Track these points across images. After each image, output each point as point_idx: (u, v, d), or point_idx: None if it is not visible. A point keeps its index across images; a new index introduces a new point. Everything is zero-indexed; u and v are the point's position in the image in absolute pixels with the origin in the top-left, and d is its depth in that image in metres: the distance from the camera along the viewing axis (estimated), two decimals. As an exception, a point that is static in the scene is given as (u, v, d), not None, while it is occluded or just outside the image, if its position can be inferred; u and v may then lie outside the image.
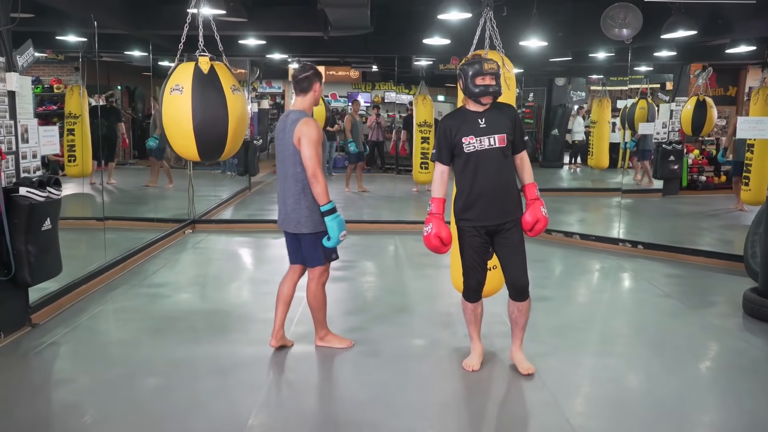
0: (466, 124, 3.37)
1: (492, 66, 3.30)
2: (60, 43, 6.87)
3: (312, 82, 3.64)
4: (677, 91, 10.54)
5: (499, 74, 3.33)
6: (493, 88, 3.30)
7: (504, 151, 3.36)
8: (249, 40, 7.95)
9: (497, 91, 3.33)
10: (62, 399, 3.32)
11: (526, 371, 3.50)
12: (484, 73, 3.27)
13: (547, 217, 3.42)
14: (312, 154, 3.48)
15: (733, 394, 3.43)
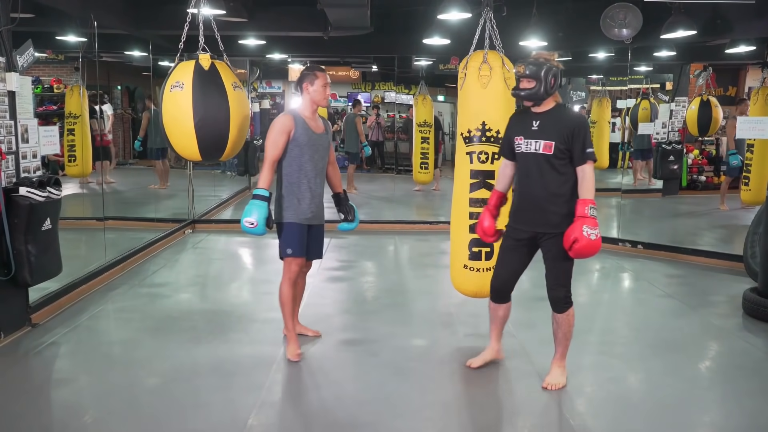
0: (521, 123, 3.31)
1: (520, 69, 3.25)
2: (60, 43, 6.86)
3: (301, 82, 3.72)
4: (677, 91, 10.54)
5: (537, 76, 3.17)
6: (525, 91, 3.20)
7: (549, 159, 3.19)
8: (249, 40, 7.95)
9: (529, 94, 3.20)
10: (62, 399, 3.32)
11: (546, 384, 3.34)
12: (519, 77, 3.26)
13: (590, 239, 3.06)
14: (266, 143, 3.63)
15: (734, 394, 3.43)
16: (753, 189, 7.42)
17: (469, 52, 3.81)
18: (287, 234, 3.71)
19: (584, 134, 3.19)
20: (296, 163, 3.65)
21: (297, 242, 3.70)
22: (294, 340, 3.76)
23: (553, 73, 3.18)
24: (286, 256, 3.71)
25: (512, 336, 4.18)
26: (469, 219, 3.78)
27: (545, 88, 3.17)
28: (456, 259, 3.93)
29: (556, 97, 3.27)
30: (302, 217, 3.70)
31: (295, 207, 3.68)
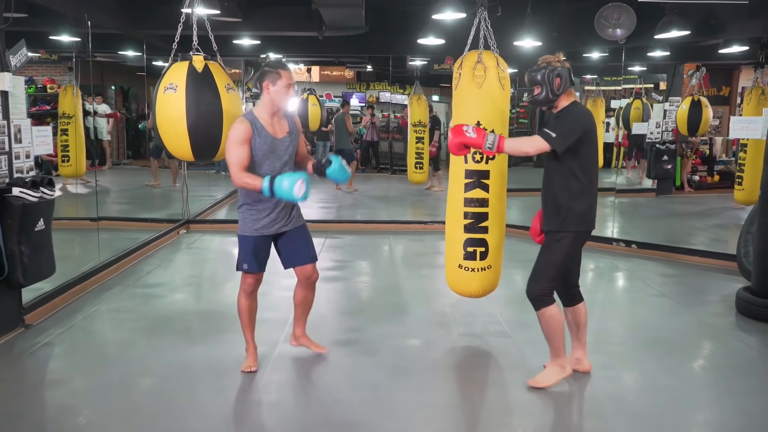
0: (546, 123, 3.39)
1: (528, 77, 3.28)
2: (53, 43, 6.83)
3: (261, 80, 3.35)
4: (671, 91, 10.57)
5: (543, 81, 3.20)
6: (534, 98, 3.26)
7: (550, 155, 3.25)
8: (243, 40, 7.94)
9: (537, 100, 3.25)
10: (56, 400, 3.30)
11: (529, 381, 3.37)
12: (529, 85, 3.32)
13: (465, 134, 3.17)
14: (228, 157, 3.30)
15: (728, 393, 3.44)
16: (746, 189, 7.46)
17: (464, 52, 3.81)
18: (243, 248, 3.47)
19: (561, 121, 3.19)
20: (257, 171, 3.32)
21: (252, 257, 3.44)
22: (250, 353, 3.57)
23: (556, 74, 3.18)
24: (241, 271, 3.51)
25: (507, 335, 4.19)
26: (464, 219, 3.79)
27: (551, 90, 3.19)
28: (451, 259, 3.93)
29: (570, 95, 3.26)
30: (263, 231, 3.43)
31: (254, 219, 3.42)
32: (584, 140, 3.17)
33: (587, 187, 3.22)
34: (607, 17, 6.19)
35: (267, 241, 3.50)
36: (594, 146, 3.23)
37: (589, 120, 3.24)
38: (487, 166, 3.74)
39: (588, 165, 3.22)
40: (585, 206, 3.22)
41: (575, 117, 3.20)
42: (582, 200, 3.21)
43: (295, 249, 3.55)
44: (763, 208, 4.61)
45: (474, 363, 3.90)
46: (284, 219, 3.49)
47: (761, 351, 4.08)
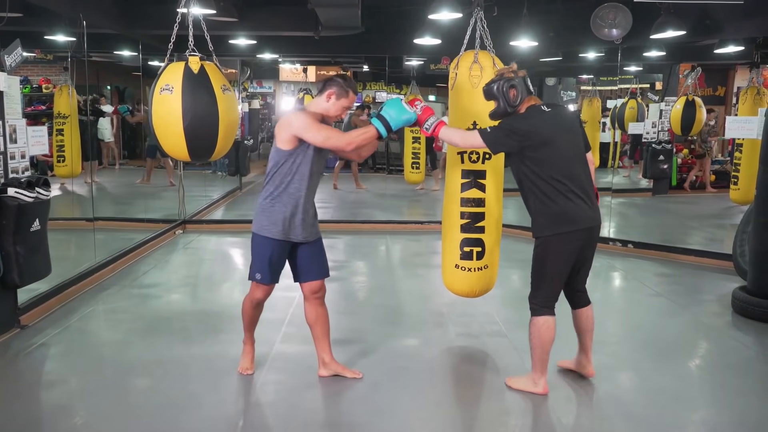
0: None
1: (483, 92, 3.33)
2: (49, 43, 6.82)
3: (328, 87, 3.24)
4: (666, 91, 10.60)
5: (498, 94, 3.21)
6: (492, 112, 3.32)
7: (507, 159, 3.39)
8: (239, 40, 7.93)
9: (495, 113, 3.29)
10: (52, 400, 3.29)
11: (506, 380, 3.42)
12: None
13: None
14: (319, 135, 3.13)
15: (724, 392, 3.45)
16: (742, 188, 7.49)
17: (460, 52, 3.81)
18: (261, 252, 3.21)
19: (505, 120, 3.19)
20: (300, 173, 3.16)
21: (268, 265, 3.20)
22: (247, 352, 3.48)
23: (510, 85, 3.15)
24: (253, 281, 3.27)
25: (503, 335, 4.19)
26: (461, 219, 3.79)
27: (507, 102, 3.17)
28: (447, 258, 3.93)
29: (529, 101, 3.20)
30: (289, 235, 3.20)
31: (283, 220, 3.17)
32: (536, 144, 3.07)
33: (559, 188, 3.09)
34: (603, 17, 6.20)
35: (287, 249, 3.25)
36: (555, 147, 3.10)
37: (541, 122, 3.12)
38: (484, 166, 3.74)
39: (553, 166, 3.09)
40: (558, 208, 3.10)
41: (522, 117, 3.15)
42: (553, 203, 3.10)
43: (314, 262, 3.35)
44: (758, 207, 4.63)
45: (471, 363, 3.91)
46: (311, 226, 3.29)
47: (757, 350, 4.09)
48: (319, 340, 3.46)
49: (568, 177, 3.10)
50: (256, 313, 3.44)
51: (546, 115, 3.16)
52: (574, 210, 3.11)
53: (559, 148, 3.10)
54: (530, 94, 3.20)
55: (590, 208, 3.17)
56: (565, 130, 3.19)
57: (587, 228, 3.18)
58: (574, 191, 3.10)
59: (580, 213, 3.12)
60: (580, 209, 3.12)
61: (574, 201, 3.10)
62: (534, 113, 3.16)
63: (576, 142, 3.22)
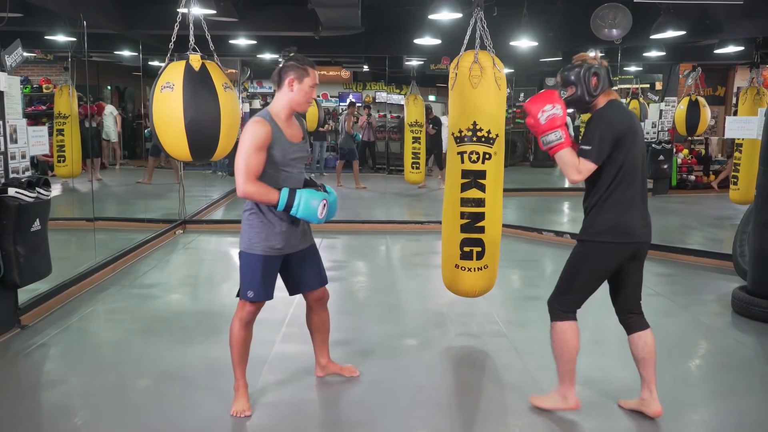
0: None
1: (560, 76, 3.05)
2: (49, 43, 6.82)
3: (284, 75, 2.96)
4: (666, 91, 10.61)
5: (578, 80, 2.93)
6: (569, 98, 3.00)
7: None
8: (240, 40, 7.94)
9: (572, 99, 2.98)
10: (52, 401, 3.30)
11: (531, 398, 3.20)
12: (560, 87, 3.08)
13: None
14: (239, 163, 2.81)
15: (723, 392, 3.45)
16: (742, 188, 7.49)
17: (460, 52, 3.82)
18: (248, 270, 3.00)
19: (591, 126, 2.87)
20: (272, 181, 2.90)
21: (260, 282, 2.97)
22: (242, 393, 3.08)
23: (592, 72, 2.90)
24: (244, 299, 3.02)
25: (503, 335, 4.19)
26: (461, 219, 3.79)
27: (587, 90, 2.91)
28: (447, 258, 3.93)
29: (609, 94, 2.96)
30: (278, 248, 2.98)
31: (266, 232, 2.95)
32: (619, 145, 2.83)
33: (621, 195, 2.86)
34: (603, 17, 6.21)
35: (278, 263, 3.05)
36: (632, 150, 2.86)
37: (626, 121, 2.88)
38: (484, 166, 3.75)
39: (622, 170, 2.85)
40: (615, 215, 2.87)
41: (609, 121, 2.86)
42: (611, 209, 2.87)
43: (309, 271, 3.16)
44: (758, 207, 4.63)
45: (470, 363, 3.91)
46: (301, 234, 3.07)
47: (757, 350, 4.09)
48: (319, 344, 3.40)
49: (637, 184, 2.89)
50: (247, 337, 3.09)
51: (628, 113, 2.97)
52: (633, 220, 2.90)
53: (635, 151, 2.88)
54: (611, 87, 2.95)
55: (645, 221, 2.96)
56: (639, 132, 2.96)
57: (639, 243, 2.94)
58: (637, 201, 2.90)
59: (637, 225, 2.91)
60: (637, 221, 2.91)
61: (635, 211, 2.90)
62: (618, 110, 2.92)
63: (643, 147, 2.98)
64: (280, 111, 2.95)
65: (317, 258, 3.21)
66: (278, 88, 2.98)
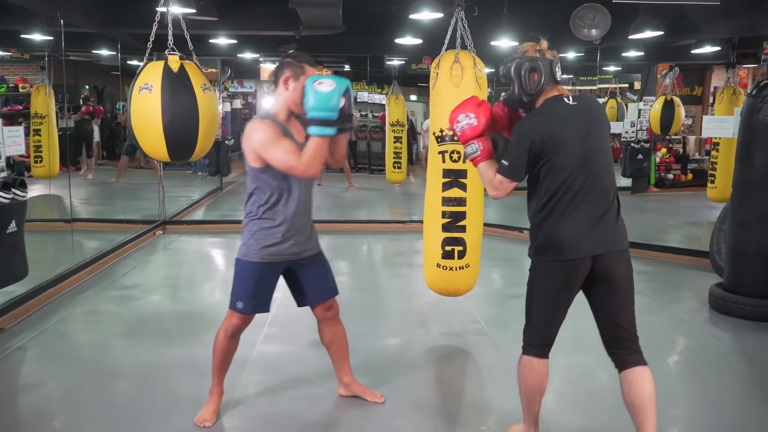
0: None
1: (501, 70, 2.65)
2: (25, 42, 6.73)
3: (280, 74, 2.77)
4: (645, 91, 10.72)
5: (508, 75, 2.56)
6: (505, 96, 2.64)
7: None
8: (220, 40, 7.88)
9: (507, 98, 2.62)
10: (30, 404, 3.25)
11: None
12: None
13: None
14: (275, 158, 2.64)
15: (701, 388, 3.50)
16: (719, 187, 7.60)
17: (441, 52, 3.83)
18: (240, 277, 2.81)
19: (512, 136, 2.49)
20: (278, 185, 2.73)
21: (252, 293, 2.79)
22: (212, 401, 2.99)
23: (529, 67, 2.47)
24: (234, 310, 2.84)
25: (485, 334, 4.21)
26: (442, 218, 3.80)
27: (522, 87, 2.48)
28: (429, 258, 3.94)
29: (551, 91, 2.50)
30: (276, 254, 2.78)
31: (265, 239, 2.76)
32: (541, 154, 2.41)
33: (554, 207, 2.43)
34: (582, 17, 6.26)
35: (276, 272, 2.85)
36: (560, 155, 2.40)
37: (546, 126, 2.43)
38: (465, 166, 3.76)
39: (551, 180, 2.42)
40: (547, 230, 2.45)
41: (524, 130, 2.46)
42: (543, 224, 2.46)
43: (315, 282, 2.94)
44: (734, 205, 4.70)
45: (452, 362, 3.92)
46: (304, 240, 2.85)
47: (734, 346, 4.16)
48: (337, 360, 3.14)
49: (578, 193, 2.41)
50: (230, 348, 2.97)
51: (564, 110, 2.47)
52: (569, 235, 2.43)
53: (563, 155, 2.40)
54: (555, 83, 2.50)
55: (598, 234, 2.44)
56: (588, 128, 2.47)
57: (577, 260, 2.45)
58: (579, 212, 2.42)
59: (575, 240, 2.42)
60: (575, 234, 2.42)
61: (573, 224, 2.42)
62: (547, 109, 2.48)
63: (601, 144, 2.49)
64: (279, 112, 2.76)
65: (324, 267, 2.98)
66: (275, 88, 2.79)
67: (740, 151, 4.66)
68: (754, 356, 3.99)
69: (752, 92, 4.60)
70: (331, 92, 2.52)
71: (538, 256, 2.52)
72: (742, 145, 4.64)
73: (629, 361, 2.56)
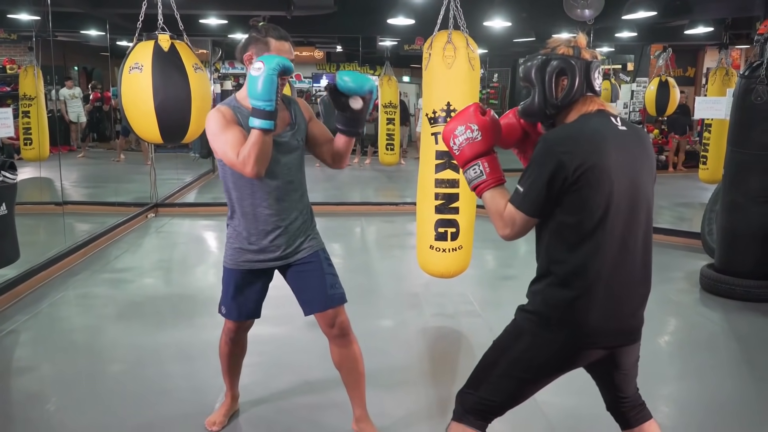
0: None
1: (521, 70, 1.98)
2: (12, 22, 6.64)
3: (243, 52, 2.44)
4: (638, 72, 10.71)
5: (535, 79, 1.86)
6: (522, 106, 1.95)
7: None
8: (210, 20, 7.80)
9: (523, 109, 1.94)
10: (23, 387, 3.25)
11: None
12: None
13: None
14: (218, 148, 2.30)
15: (692, 368, 3.54)
16: (710, 168, 7.63)
17: (434, 33, 3.79)
18: (224, 284, 2.57)
19: (532, 156, 1.79)
20: (246, 182, 2.37)
21: (232, 299, 2.55)
22: (224, 404, 2.87)
23: (556, 68, 1.83)
24: (220, 314, 2.64)
25: (478, 315, 4.23)
26: (435, 200, 3.79)
27: (545, 96, 1.84)
28: (422, 239, 3.94)
29: (587, 104, 1.83)
30: (249, 262, 2.48)
31: (240, 244, 2.46)
32: (574, 185, 1.71)
33: (582, 263, 1.75)
34: (575, -3, 6.22)
35: (257, 279, 2.55)
36: (601, 192, 1.71)
37: (590, 145, 1.73)
38: (458, 147, 3.74)
39: (585, 224, 1.74)
40: (571, 294, 1.77)
41: (550, 146, 1.75)
42: (568, 283, 1.77)
43: (309, 290, 2.53)
44: (726, 187, 4.72)
45: (446, 343, 3.94)
46: (285, 244, 2.47)
47: (724, 326, 4.20)
48: (348, 387, 2.66)
49: (610, 248, 1.76)
50: (233, 352, 2.75)
51: (612, 133, 1.78)
52: (593, 309, 1.78)
53: (605, 193, 1.72)
54: (593, 93, 1.86)
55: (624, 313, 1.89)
56: (640, 165, 1.81)
57: (602, 345, 1.87)
58: (603, 279, 1.77)
59: (599, 317, 1.79)
60: (599, 310, 1.79)
61: (599, 294, 1.77)
62: (582, 127, 1.78)
63: (649, 193, 1.83)
64: (245, 97, 2.31)
65: (320, 272, 2.51)
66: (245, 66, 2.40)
67: (732, 132, 4.67)
68: (744, 336, 4.03)
69: (745, 73, 4.59)
70: (256, 78, 2.13)
71: (540, 310, 1.84)
72: (734, 126, 4.65)
73: (634, 420, 2.12)
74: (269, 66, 2.13)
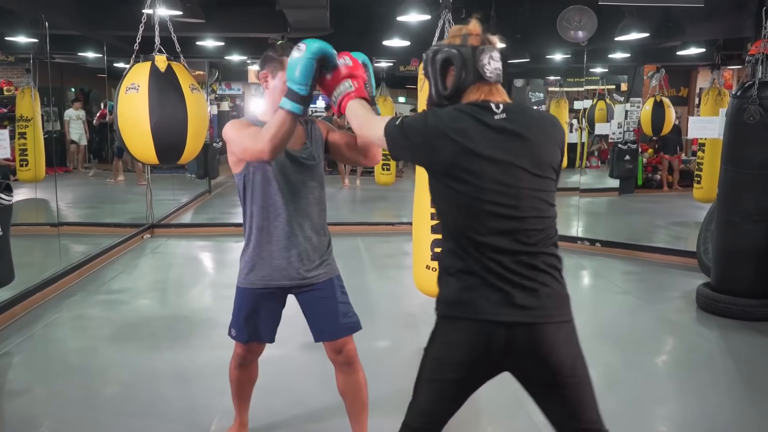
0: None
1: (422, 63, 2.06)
2: (10, 44, 6.68)
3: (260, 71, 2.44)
4: (631, 92, 10.79)
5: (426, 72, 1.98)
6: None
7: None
8: (207, 42, 7.86)
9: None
10: (17, 410, 3.21)
11: None
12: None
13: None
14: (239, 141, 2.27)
15: (689, 387, 3.52)
16: (705, 187, 7.65)
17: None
18: (236, 305, 2.52)
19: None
20: (260, 196, 2.37)
21: (242, 320, 2.50)
22: (232, 429, 2.82)
23: (443, 57, 1.82)
24: (230, 336, 2.59)
25: (475, 335, 4.21)
26: (431, 219, 3.80)
27: (436, 86, 1.87)
28: (418, 259, 3.94)
29: (478, 92, 1.78)
30: (266, 278, 2.42)
31: (255, 262, 2.43)
32: (442, 167, 1.76)
33: (458, 253, 1.76)
34: (569, 19, 6.30)
35: (269, 301, 2.49)
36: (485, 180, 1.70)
37: (458, 129, 1.71)
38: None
39: (453, 215, 1.76)
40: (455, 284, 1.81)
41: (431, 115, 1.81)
42: (450, 276, 1.81)
43: (320, 317, 2.50)
44: (721, 205, 4.74)
45: (442, 363, 3.91)
46: (299, 261, 2.41)
47: (721, 345, 4.19)
48: (350, 415, 2.63)
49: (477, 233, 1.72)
50: (243, 377, 2.70)
51: (486, 119, 1.72)
52: (477, 290, 1.75)
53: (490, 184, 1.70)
54: (485, 82, 1.78)
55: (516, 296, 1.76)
56: (520, 154, 1.72)
57: (491, 322, 1.76)
58: (495, 260, 1.73)
59: (485, 297, 1.75)
60: (485, 292, 1.75)
61: (487, 276, 1.74)
62: (461, 112, 1.75)
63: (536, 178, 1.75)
64: (266, 115, 2.36)
65: (334, 299, 2.48)
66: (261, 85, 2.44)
67: (726, 151, 4.70)
68: (742, 355, 4.02)
69: (737, 93, 4.64)
70: (296, 61, 2.06)
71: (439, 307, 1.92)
72: (728, 146, 4.68)
73: None
74: (309, 50, 2.08)
